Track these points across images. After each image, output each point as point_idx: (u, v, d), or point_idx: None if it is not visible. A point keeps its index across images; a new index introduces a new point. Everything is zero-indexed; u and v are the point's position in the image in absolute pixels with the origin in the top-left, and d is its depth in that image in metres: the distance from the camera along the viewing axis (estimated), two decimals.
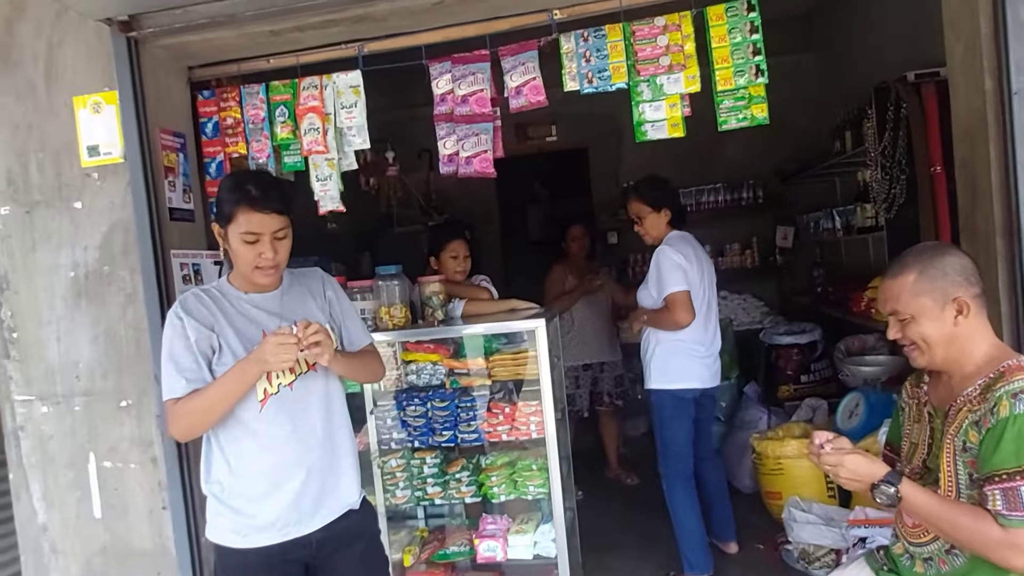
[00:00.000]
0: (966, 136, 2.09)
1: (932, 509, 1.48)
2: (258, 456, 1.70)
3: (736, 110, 2.26)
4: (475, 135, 2.38)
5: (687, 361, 2.98)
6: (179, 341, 1.68)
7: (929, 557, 1.58)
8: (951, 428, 1.53)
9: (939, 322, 1.52)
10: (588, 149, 5.79)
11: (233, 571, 1.75)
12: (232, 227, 1.66)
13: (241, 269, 1.72)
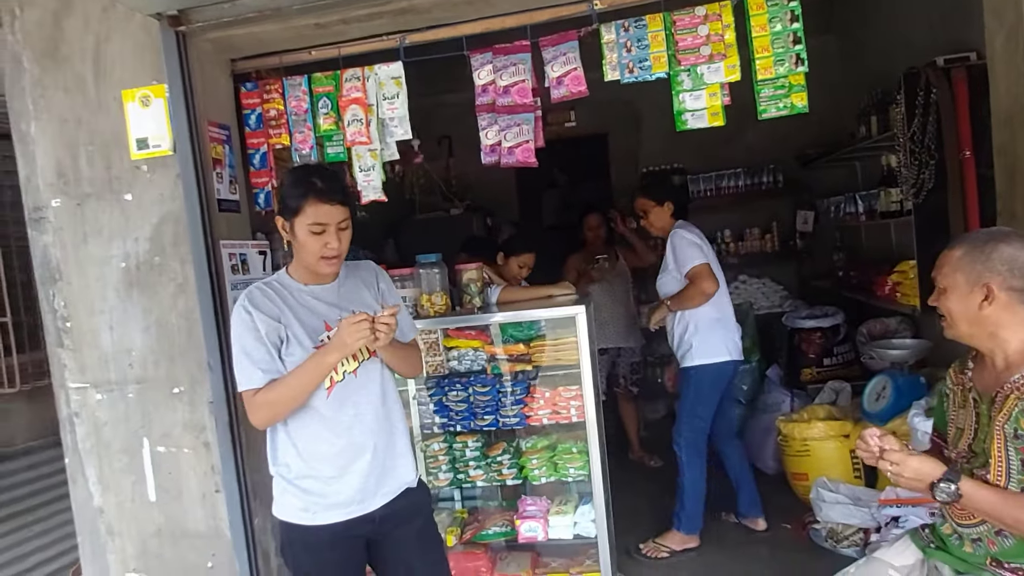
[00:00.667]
0: (1006, 122, 2.12)
1: (993, 504, 1.52)
2: (326, 440, 1.78)
3: (776, 99, 2.29)
4: (517, 125, 2.42)
5: (726, 334, 3.18)
6: (249, 334, 1.74)
7: (978, 538, 1.63)
8: (1000, 415, 1.56)
9: (964, 301, 1.58)
10: (608, 135, 5.80)
11: (300, 546, 1.82)
12: (299, 219, 1.72)
13: (307, 260, 1.77)
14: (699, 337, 3.13)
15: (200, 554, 2.49)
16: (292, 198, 1.74)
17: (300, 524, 1.80)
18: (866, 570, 1.84)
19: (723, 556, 3.23)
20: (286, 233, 1.78)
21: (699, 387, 3.16)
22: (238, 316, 1.76)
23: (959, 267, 1.59)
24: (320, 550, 1.81)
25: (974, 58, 3.13)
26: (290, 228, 1.76)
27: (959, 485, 1.51)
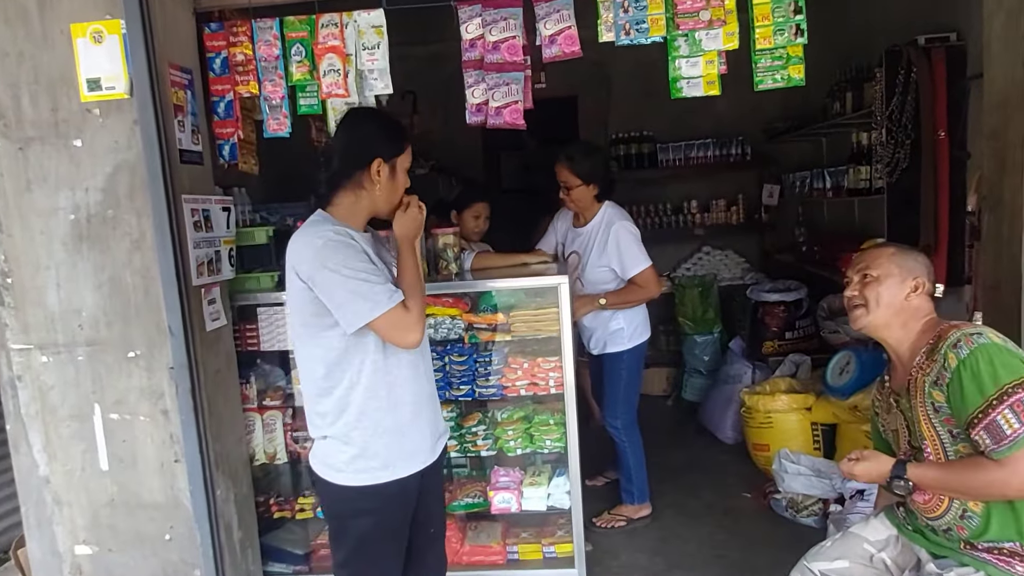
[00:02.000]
0: (1000, 106, 2.11)
1: (940, 478, 1.63)
2: (414, 388, 1.79)
3: (773, 70, 2.23)
4: (506, 84, 2.30)
5: (644, 317, 3.23)
6: (362, 258, 1.67)
7: (947, 528, 1.68)
8: (916, 399, 1.66)
9: (897, 290, 1.72)
10: (577, 97, 5.68)
11: (372, 511, 1.76)
12: (401, 159, 1.76)
13: (391, 201, 1.78)
14: (627, 322, 3.13)
15: (157, 525, 2.36)
16: (396, 138, 1.77)
17: (377, 484, 1.74)
18: (843, 544, 1.88)
19: (683, 523, 3.28)
20: (377, 176, 1.73)
21: (631, 367, 3.19)
22: (339, 245, 1.66)
23: (895, 261, 1.75)
24: (392, 510, 1.78)
25: (954, 39, 3.15)
26: (390, 169, 1.75)
27: (907, 477, 1.66)
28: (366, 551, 1.77)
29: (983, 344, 1.56)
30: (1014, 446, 1.49)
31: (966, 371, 1.54)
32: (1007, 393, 1.51)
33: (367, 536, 1.76)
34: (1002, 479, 1.52)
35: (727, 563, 2.91)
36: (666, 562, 2.95)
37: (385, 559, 1.80)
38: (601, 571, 2.89)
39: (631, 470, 3.25)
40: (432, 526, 1.94)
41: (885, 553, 1.82)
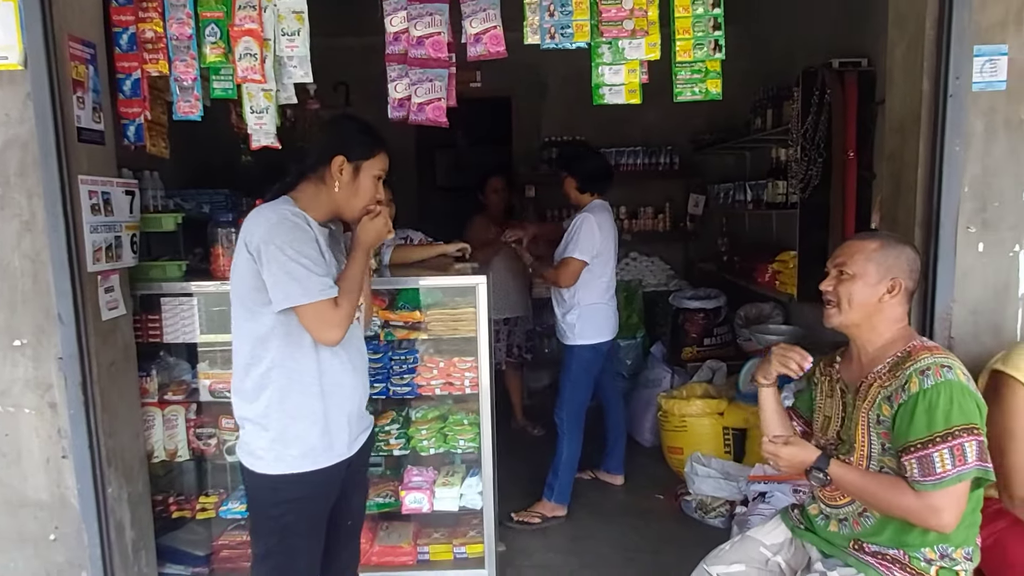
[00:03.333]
0: (898, 130, 2.23)
1: (857, 484, 1.65)
2: (338, 378, 1.78)
3: (692, 82, 2.28)
4: (429, 81, 2.27)
5: (605, 319, 3.37)
6: (312, 244, 1.68)
7: (844, 518, 1.75)
8: (864, 403, 1.68)
9: (871, 290, 1.68)
10: (511, 99, 5.69)
11: (290, 501, 1.75)
12: (368, 164, 1.78)
13: (352, 204, 1.79)
14: (582, 320, 3.29)
15: (42, 525, 2.21)
16: (366, 143, 1.78)
17: (295, 473, 1.73)
18: (740, 548, 1.92)
19: (597, 523, 3.33)
20: (340, 174, 1.75)
21: (581, 364, 3.32)
22: (292, 227, 1.67)
23: (873, 258, 1.69)
24: (312, 500, 1.77)
25: (865, 64, 3.31)
26: (353, 170, 1.76)
27: (828, 471, 1.66)
28: (285, 543, 1.76)
29: (949, 380, 1.55)
30: (938, 485, 1.52)
31: (923, 401, 1.55)
32: (953, 435, 1.52)
33: (286, 528, 1.76)
34: (915, 509, 1.56)
35: (637, 564, 2.96)
36: (579, 562, 2.99)
37: (304, 552, 1.79)
38: (513, 572, 2.89)
39: (559, 466, 3.34)
40: (351, 519, 1.95)
41: (780, 556, 1.87)
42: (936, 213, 2.08)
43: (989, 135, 2.09)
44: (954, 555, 1.65)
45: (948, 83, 2.01)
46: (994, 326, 2.15)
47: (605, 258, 3.34)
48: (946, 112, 2.02)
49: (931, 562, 1.64)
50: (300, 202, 1.76)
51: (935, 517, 1.55)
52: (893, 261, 1.69)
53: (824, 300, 1.76)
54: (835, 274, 1.74)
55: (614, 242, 3.43)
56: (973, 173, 2.10)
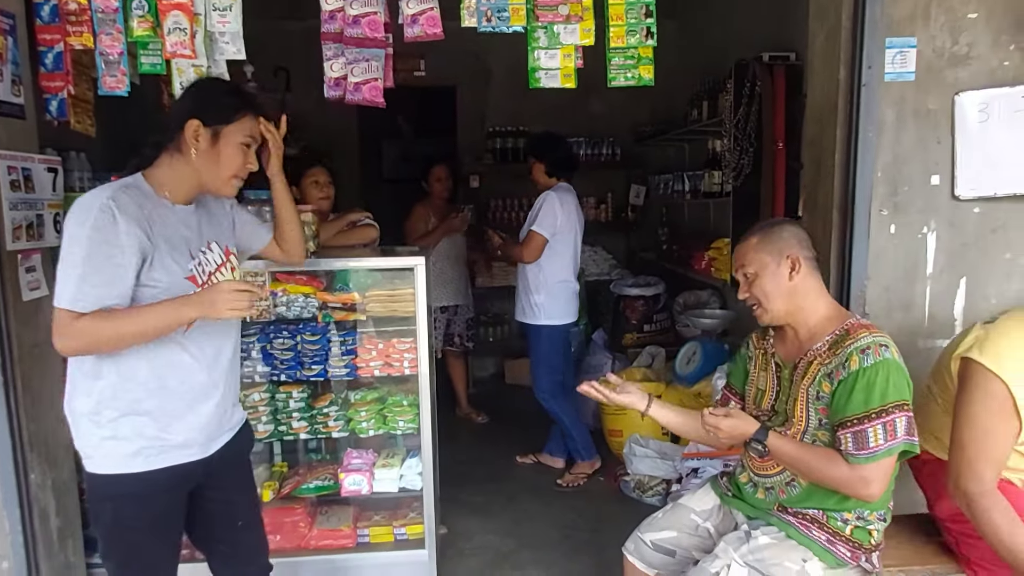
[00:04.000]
0: (818, 118, 2.34)
1: (793, 455, 1.73)
2: (182, 375, 1.63)
3: (625, 68, 2.34)
4: (366, 60, 2.26)
5: (569, 300, 3.53)
6: (104, 246, 1.46)
7: (771, 487, 1.83)
8: (804, 380, 1.75)
9: (776, 276, 1.75)
10: (456, 88, 5.69)
11: (127, 500, 1.60)
12: (232, 128, 1.61)
13: (214, 175, 1.62)
14: (550, 300, 3.46)
15: None
16: (226, 106, 1.61)
17: (130, 473, 1.58)
18: (672, 515, 2.00)
19: (537, 505, 3.39)
20: (197, 141, 1.59)
21: (550, 342, 3.52)
22: (96, 219, 1.46)
23: (761, 249, 1.77)
24: (150, 501, 1.61)
25: (793, 58, 3.44)
26: (211, 136, 1.59)
27: (766, 443, 1.74)
28: (132, 547, 1.64)
29: (887, 359, 1.63)
30: (871, 458, 1.61)
31: (862, 379, 1.62)
32: (887, 411, 1.61)
33: (127, 531, 1.62)
34: (847, 480, 1.64)
35: (575, 541, 3.03)
36: (517, 542, 3.03)
37: (146, 556, 1.66)
38: (454, 553, 2.92)
39: (571, 431, 3.59)
40: (239, 519, 1.83)
41: (709, 522, 1.95)
42: (851, 197, 2.19)
43: (900, 123, 2.22)
44: (868, 517, 1.76)
45: (862, 73, 2.13)
46: (904, 303, 2.29)
47: (567, 237, 3.49)
48: (860, 101, 2.13)
49: (847, 522, 1.75)
50: (155, 178, 1.60)
51: (865, 487, 1.64)
52: (778, 243, 1.76)
53: (749, 306, 1.84)
54: (742, 280, 1.81)
55: (578, 223, 3.57)
56: (885, 159, 2.22)
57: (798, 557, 1.72)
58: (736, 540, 1.78)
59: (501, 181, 5.56)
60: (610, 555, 2.77)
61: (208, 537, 1.83)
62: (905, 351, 1.74)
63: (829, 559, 1.73)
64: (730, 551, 1.75)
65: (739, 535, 1.81)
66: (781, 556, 1.72)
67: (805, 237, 1.80)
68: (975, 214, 2.26)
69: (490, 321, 5.58)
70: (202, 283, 1.62)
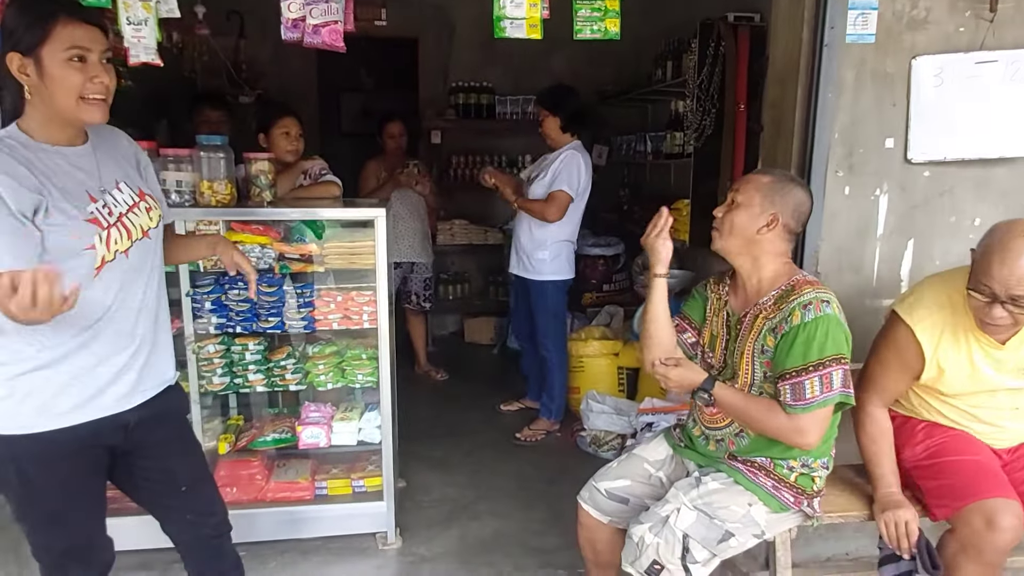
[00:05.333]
0: (780, 79, 2.36)
1: (738, 405, 1.80)
2: (85, 324, 1.50)
3: (592, 20, 2.31)
4: (325, 2, 2.17)
5: (569, 257, 3.60)
6: None
7: (721, 439, 1.90)
8: (750, 334, 1.80)
9: (751, 220, 1.77)
10: (418, 40, 5.55)
11: (29, 461, 1.51)
12: (48, 48, 1.39)
13: (62, 103, 1.43)
14: (554, 256, 3.50)
15: None
16: (33, 22, 1.39)
17: (30, 433, 1.49)
18: (626, 464, 2.05)
19: (494, 459, 3.45)
20: (26, 76, 1.41)
21: (555, 298, 3.58)
22: None
23: (761, 190, 1.78)
24: (57, 461, 1.52)
25: (757, 20, 3.45)
26: (35, 65, 1.40)
27: (712, 392, 1.80)
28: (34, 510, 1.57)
29: (827, 315, 1.68)
30: (806, 408, 1.69)
31: (803, 333, 1.67)
32: (824, 364, 1.67)
33: (36, 496, 1.55)
34: (785, 429, 1.72)
35: (531, 493, 3.10)
36: (475, 494, 3.09)
37: (59, 517, 1.58)
38: (412, 505, 2.96)
39: (554, 388, 3.66)
40: (182, 484, 1.73)
41: (662, 472, 2.01)
42: (809, 157, 2.24)
43: (858, 85, 2.25)
44: (812, 464, 1.84)
45: (824, 33, 2.15)
46: (855, 263, 2.36)
47: (582, 199, 3.53)
48: (821, 61, 2.16)
49: (792, 469, 1.83)
50: (26, 125, 1.47)
51: (801, 436, 1.72)
52: (778, 198, 1.77)
53: (713, 226, 1.85)
54: (727, 202, 1.83)
55: (588, 186, 3.56)
56: (843, 121, 2.27)
57: (744, 501, 1.80)
58: (687, 486, 1.85)
59: (463, 137, 5.48)
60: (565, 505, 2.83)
61: (154, 503, 1.76)
62: (854, 310, 1.81)
63: (773, 504, 1.81)
64: (680, 496, 1.81)
65: (690, 481, 1.87)
66: (728, 500, 1.80)
67: (805, 212, 1.82)
68: (925, 178, 2.33)
69: (450, 279, 5.56)
70: (108, 225, 1.50)
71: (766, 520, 1.81)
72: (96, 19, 1.46)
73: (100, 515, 1.66)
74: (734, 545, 1.79)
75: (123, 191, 1.58)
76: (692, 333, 2.01)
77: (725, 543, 1.77)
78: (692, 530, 1.75)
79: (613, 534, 2.02)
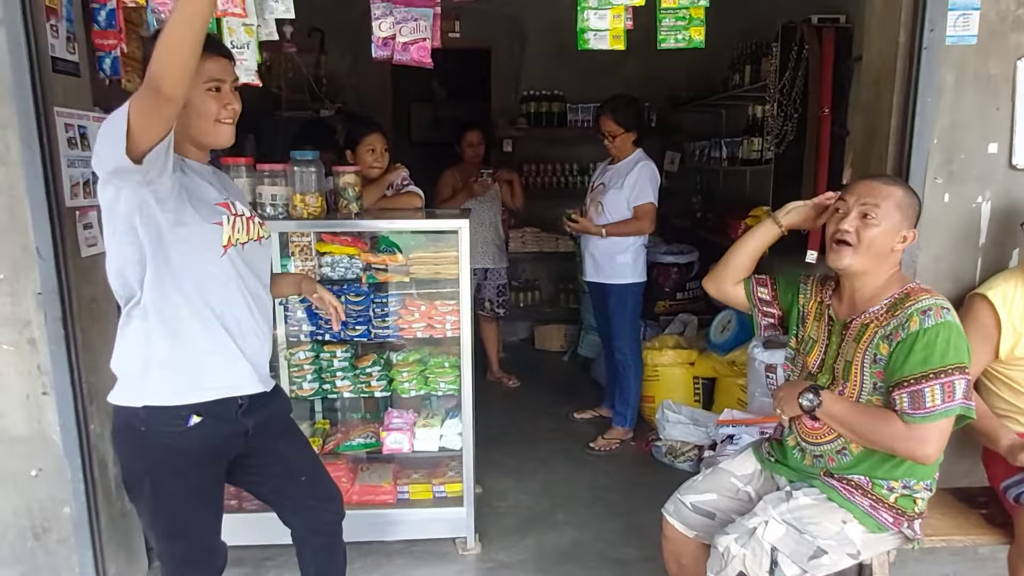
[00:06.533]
0: (873, 82, 2.28)
1: (848, 413, 1.71)
2: (217, 305, 1.61)
3: (676, 30, 2.30)
4: (414, 20, 2.24)
5: (644, 259, 3.65)
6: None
7: (820, 455, 1.82)
8: (861, 342, 1.73)
9: (890, 237, 1.70)
10: (491, 50, 5.62)
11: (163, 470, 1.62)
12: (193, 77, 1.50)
13: (201, 127, 1.57)
14: (633, 260, 3.54)
15: (22, 461, 2.22)
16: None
17: (174, 405, 1.59)
18: (713, 478, 2.01)
19: (570, 468, 3.44)
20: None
21: (633, 300, 3.59)
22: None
23: (901, 206, 1.70)
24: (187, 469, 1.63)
25: (843, 21, 3.35)
26: None
27: (821, 396, 1.73)
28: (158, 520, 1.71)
29: (949, 322, 1.62)
30: (927, 417, 1.60)
31: (922, 339, 1.60)
32: (946, 372, 1.59)
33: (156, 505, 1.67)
34: (903, 438, 1.63)
35: (606, 503, 3.08)
36: (551, 503, 3.09)
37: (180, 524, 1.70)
38: (489, 512, 2.99)
39: (629, 395, 3.65)
40: (301, 474, 1.86)
41: (750, 486, 1.96)
42: (907, 163, 2.15)
43: (959, 89, 2.16)
44: (915, 486, 1.76)
45: (923, 36, 2.07)
46: (955, 274, 2.25)
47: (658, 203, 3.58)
48: (920, 64, 2.08)
49: (892, 490, 1.75)
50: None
51: (921, 447, 1.63)
52: (912, 212, 1.72)
53: (838, 238, 1.73)
54: (857, 214, 1.71)
55: None
56: (942, 125, 2.17)
57: (838, 519, 1.73)
58: (776, 499, 1.80)
59: (535, 145, 5.52)
60: (643, 518, 2.81)
61: (277, 495, 1.87)
62: None
63: (870, 523, 1.74)
64: (769, 508, 1.76)
65: (780, 495, 1.82)
66: (820, 516, 1.73)
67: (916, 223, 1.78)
68: None
69: (521, 286, 5.59)
70: (234, 214, 1.63)
71: (862, 540, 1.74)
72: (227, 51, 1.61)
73: (218, 522, 1.76)
74: (826, 563, 1.72)
75: (237, 207, 1.69)
76: (773, 306, 1.95)
77: (817, 560, 1.71)
78: (781, 544, 1.70)
79: (699, 549, 1.99)
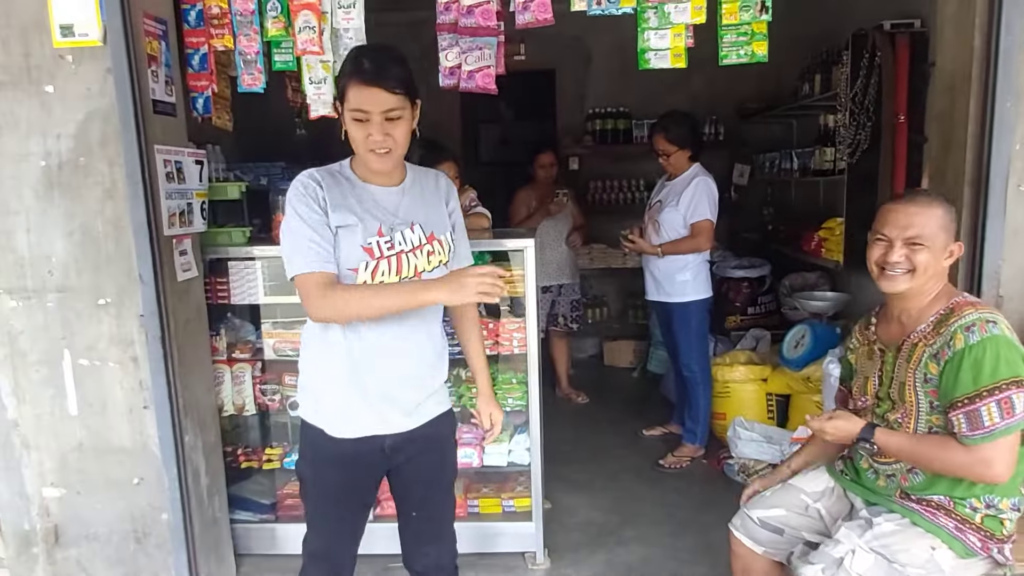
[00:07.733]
0: (948, 89, 2.22)
1: (905, 447, 1.70)
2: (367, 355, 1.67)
3: (738, 45, 2.30)
4: (479, 49, 2.34)
5: (708, 275, 3.62)
6: (314, 214, 1.58)
7: (892, 474, 1.78)
8: (910, 363, 1.70)
9: (939, 256, 1.69)
10: (555, 71, 5.71)
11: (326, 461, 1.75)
12: (345, 106, 1.58)
13: (357, 150, 1.62)
14: (695, 277, 3.52)
15: (125, 470, 2.41)
16: (340, 79, 1.60)
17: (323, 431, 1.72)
18: (781, 494, 1.98)
19: (640, 485, 3.42)
20: (344, 122, 1.62)
21: (698, 317, 3.57)
22: (301, 192, 1.60)
23: (944, 226, 1.69)
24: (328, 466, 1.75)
25: (917, 26, 3.25)
26: (342, 114, 1.61)
27: (874, 440, 1.72)
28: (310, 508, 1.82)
29: (995, 335, 1.57)
30: (987, 437, 1.56)
31: (969, 357, 1.57)
32: (999, 388, 1.55)
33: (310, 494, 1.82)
34: (966, 464, 1.59)
35: (677, 521, 3.05)
36: (620, 519, 3.08)
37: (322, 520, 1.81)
38: (558, 527, 3.01)
39: (700, 412, 3.63)
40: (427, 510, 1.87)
41: (820, 504, 1.92)
42: (986, 171, 2.08)
43: None
44: (1000, 505, 1.69)
45: (1000, 38, 2.00)
46: None
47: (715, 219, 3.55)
48: (997, 68, 2.01)
49: (976, 509, 1.69)
50: (355, 158, 1.69)
51: (987, 469, 1.58)
52: (953, 226, 1.71)
53: (891, 268, 1.71)
54: (903, 244, 1.69)
55: None
56: (1022, 132, 2.09)
57: (926, 544, 1.68)
58: (858, 527, 1.75)
59: (601, 162, 5.55)
60: (715, 536, 2.76)
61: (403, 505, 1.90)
62: None
63: (959, 548, 1.67)
64: (853, 537, 1.71)
65: (860, 522, 1.77)
66: (907, 543, 1.68)
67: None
68: None
69: (590, 303, 5.61)
70: (379, 256, 1.63)
71: (951, 566, 1.67)
72: (385, 83, 1.54)
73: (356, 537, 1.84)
74: None
75: (414, 232, 1.69)
76: (851, 396, 1.95)
77: None
78: (870, 574, 1.65)
79: (769, 566, 1.96)
